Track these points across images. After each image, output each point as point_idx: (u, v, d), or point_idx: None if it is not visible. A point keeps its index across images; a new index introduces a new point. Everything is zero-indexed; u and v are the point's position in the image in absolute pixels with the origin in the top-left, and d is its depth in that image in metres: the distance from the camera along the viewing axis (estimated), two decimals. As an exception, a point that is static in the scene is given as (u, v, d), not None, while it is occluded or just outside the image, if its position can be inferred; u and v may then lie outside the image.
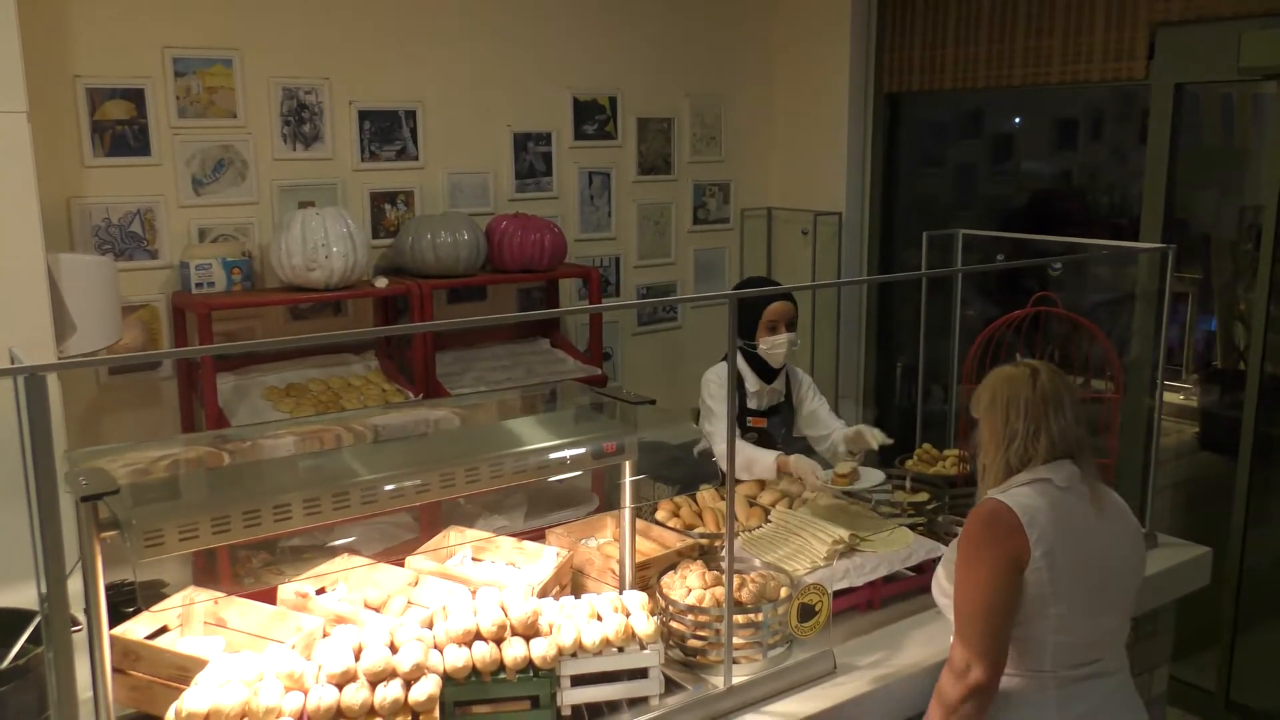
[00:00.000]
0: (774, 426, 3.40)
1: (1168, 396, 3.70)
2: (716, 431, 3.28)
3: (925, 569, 2.75)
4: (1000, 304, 4.57)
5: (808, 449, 3.55)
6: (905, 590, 2.72)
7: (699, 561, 2.52)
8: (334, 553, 2.49)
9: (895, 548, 2.73)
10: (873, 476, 2.94)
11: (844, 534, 2.72)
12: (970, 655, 2.05)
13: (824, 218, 5.15)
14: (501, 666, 2.04)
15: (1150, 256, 4.04)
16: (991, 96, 4.82)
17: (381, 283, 4.02)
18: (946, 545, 2.80)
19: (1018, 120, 4.91)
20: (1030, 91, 4.57)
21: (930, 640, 2.49)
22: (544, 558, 2.56)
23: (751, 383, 3.41)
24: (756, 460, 3.18)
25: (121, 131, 3.76)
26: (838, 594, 2.51)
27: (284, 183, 4.10)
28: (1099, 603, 2.13)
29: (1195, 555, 3.01)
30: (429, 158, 4.42)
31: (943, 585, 2.26)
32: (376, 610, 2.30)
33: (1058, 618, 2.08)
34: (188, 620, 2.21)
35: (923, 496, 3.08)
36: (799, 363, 4.43)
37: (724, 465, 3.03)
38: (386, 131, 4.31)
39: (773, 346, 3.35)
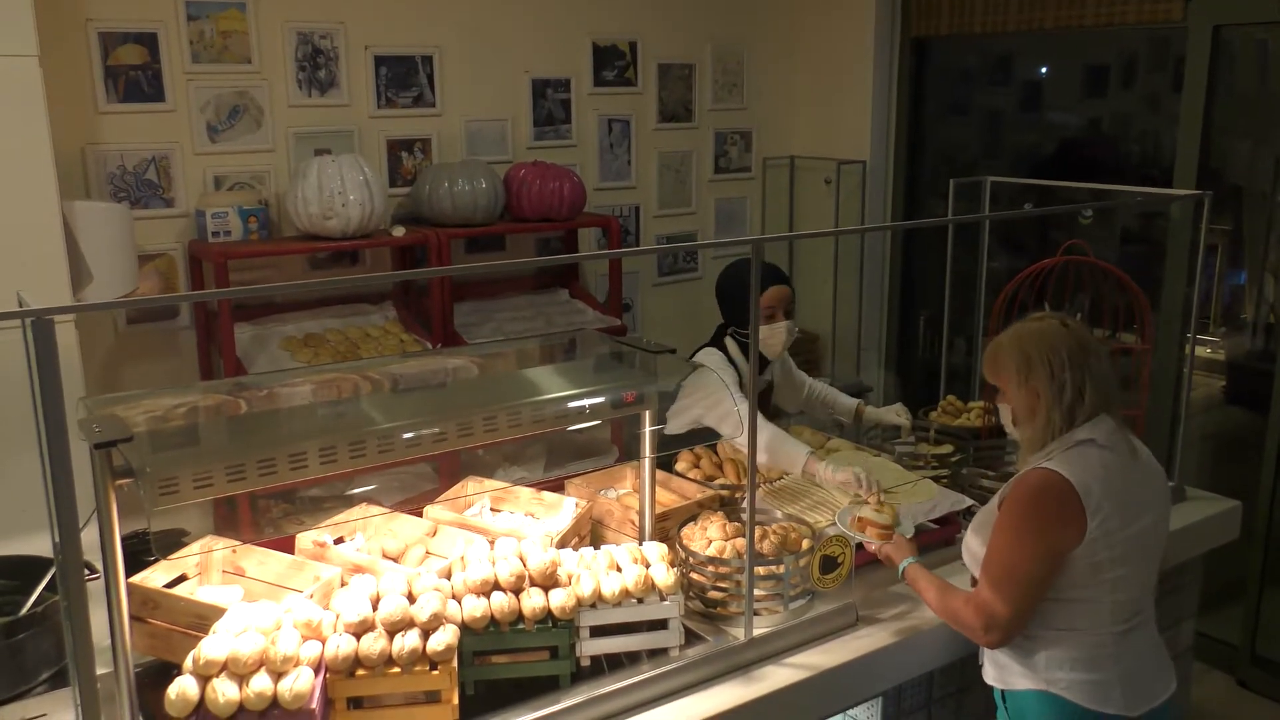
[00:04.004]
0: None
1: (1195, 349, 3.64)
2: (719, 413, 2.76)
3: (950, 521, 2.72)
4: (1027, 255, 4.49)
5: (777, 414, 3.46)
6: (929, 543, 2.68)
7: (719, 513, 2.49)
8: (352, 502, 2.48)
9: (919, 500, 2.70)
10: (907, 527, 2.53)
11: (867, 486, 2.68)
12: (1002, 613, 2.03)
13: (848, 166, 5.06)
14: (520, 617, 2.03)
15: (1183, 205, 3.95)
16: (1021, 41, 4.70)
17: (399, 232, 3.98)
18: (970, 498, 2.78)
19: (1047, 67, 4.79)
20: (1062, 36, 4.45)
21: (954, 593, 2.46)
22: (563, 508, 2.54)
23: (745, 368, 3.06)
24: (786, 453, 2.83)
25: (135, 77, 3.71)
26: (859, 547, 2.47)
27: (300, 130, 4.05)
28: (1145, 556, 2.10)
29: (1225, 509, 2.97)
30: (446, 105, 4.35)
31: (973, 550, 2.19)
32: (394, 560, 2.29)
33: (1114, 579, 2.05)
34: (206, 569, 2.20)
35: (947, 448, 3.04)
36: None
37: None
38: (403, 78, 4.24)
39: (770, 335, 2.98)
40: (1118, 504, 2.02)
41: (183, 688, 1.74)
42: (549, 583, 2.09)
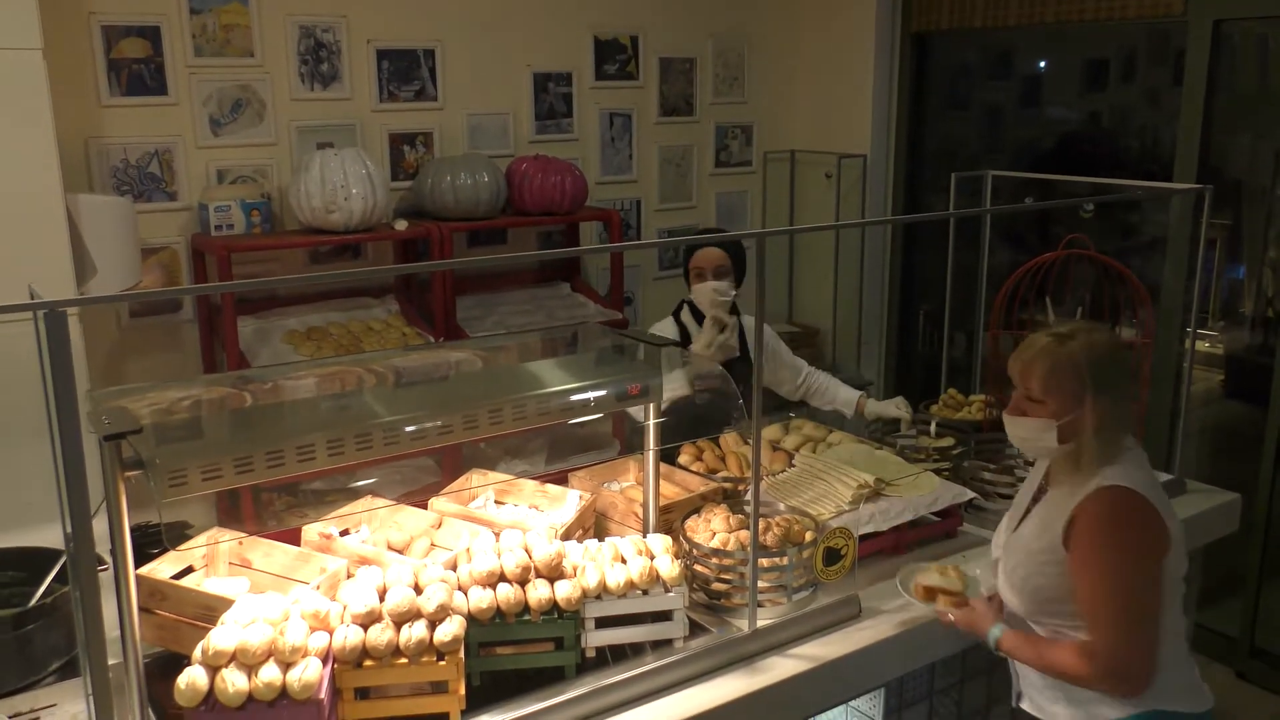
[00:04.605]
0: None
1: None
2: None
3: (951, 514, 2.73)
4: (1028, 249, 4.49)
5: (777, 405, 3.50)
6: (930, 535, 2.71)
7: (723, 505, 2.51)
8: (357, 495, 2.48)
9: (921, 492, 2.71)
10: (976, 588, 2.28)
11: (869, 478, 2.69)
12: (1135, 656, 1.89)
13: (848, 160, 5.07)
14: (526, 608, 2.04)
15: (1183, 199, 3.95)
16: (1022, 35, 4.71)
17: (401, 225, 3.99)
18: (971, 490, 2.79)
19: (1048, 61, 4.79)
20: (1062, 30, 4.45)
21: (955, 585, 2.47)
22: (567, 501, 2.55)
23: (696, 336, 3.21)
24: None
25: (138, 70, 3.72)
26: (862, 538, 2.49)
27: (302, 123, 4.05)
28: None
29: (1224, 501, 2.98)
30: (448, 98, 4.36)
31: (1036, 588, 2.02)
32: (400, 552, 2.30)
33: (1182, 577, 2.01)
34: (213, 560, 2.21)
35: (948, 441, 3.04)
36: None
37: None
38: (405, 71, 4.24)
39: (699, 295, 3.23)
40: (1169, 506, 1.98)
41: (192, 678, 1.75)
42: (554, 574, 2.10)
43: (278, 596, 1.98)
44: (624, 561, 2.18)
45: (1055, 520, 1.99)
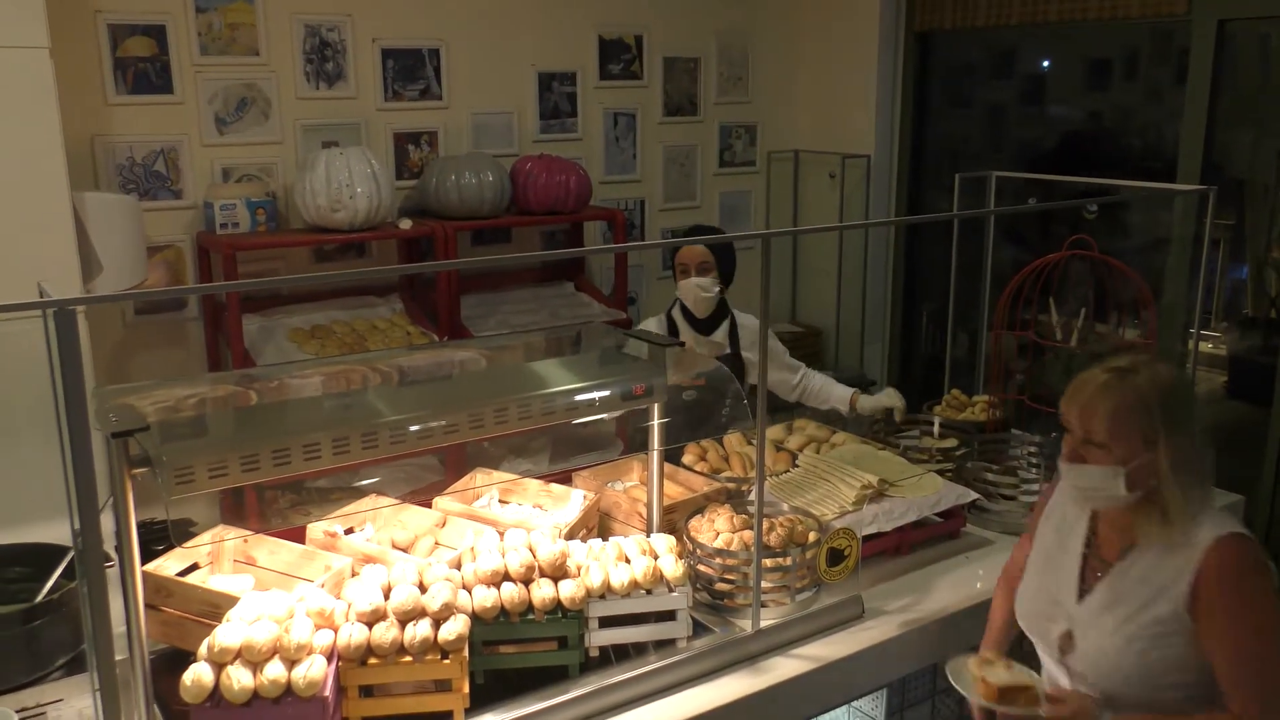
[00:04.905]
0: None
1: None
2: None
3: (953, 515, 2.73)
4: (1030, 248, 4.50)
5: (778, 406, 3.50)
6: (933, 536, 2.71)
7: (727, 505, 2.51)
8: (361, 493, 2.49)
9: (924, 493, 2.71)
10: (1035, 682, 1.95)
11: (873, 479, 2.69)
12: None
13: (852, 160, 5.07)
14: (530, 607, 2.05)
15: (1186, 199, 3.96)
16: (1025, 34, 4.71)
17: (405, 224, 4.00)
18: (975, 491, 2.79)
19: (1051, 60, 4.79)
20: (1065, 29, 4.46)
21: (957, 586, 2.48)
22: (571, 500, 2.56)
23: (685, 334, 3.23)
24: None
25: (144, 69, 3.73)
26: (865, 539, 2.49)
27: (307, 122, 4.06)
28: None
29: (1226, 503, 2.97)
30: (453, 97, 4.37)
31: (1131, 660, 1.79)
32: (404, 551, 2.31)
33: None
34: (218, 558, 2.22)
35: (951, 442, 3.05)
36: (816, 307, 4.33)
37: None
38: (410, 70, 4.25)
39: (683, 291, 3.27)
40: None
41: (198, 674, 1.76)
42: (558, 574, 2.11)
43: (283, 594, 1.98)
44: (628, 561, 2.19)
45: (1168, 583, 1.77)
